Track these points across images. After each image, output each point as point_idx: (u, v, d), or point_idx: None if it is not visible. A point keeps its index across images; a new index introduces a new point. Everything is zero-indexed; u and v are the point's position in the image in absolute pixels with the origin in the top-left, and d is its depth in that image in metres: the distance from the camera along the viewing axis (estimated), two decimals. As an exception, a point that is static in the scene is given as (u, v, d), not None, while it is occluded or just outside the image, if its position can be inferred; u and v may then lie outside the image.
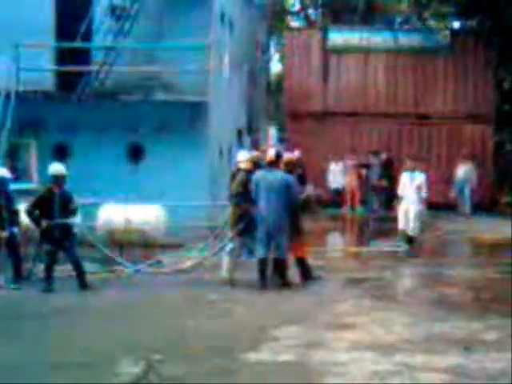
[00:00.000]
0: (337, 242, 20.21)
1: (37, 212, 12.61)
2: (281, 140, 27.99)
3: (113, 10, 19.45)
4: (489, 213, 25.65)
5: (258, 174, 12.74)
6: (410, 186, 16.11)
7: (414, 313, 10.82)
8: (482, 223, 23.16)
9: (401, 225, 16.25)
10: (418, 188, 16.01)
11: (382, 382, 7.39)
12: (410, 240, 16.16)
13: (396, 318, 10.46)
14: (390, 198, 19.59)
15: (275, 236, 12.41)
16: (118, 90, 19.45)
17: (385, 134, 28.09)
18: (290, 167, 13.30)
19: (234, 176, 13.64)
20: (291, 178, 12.74)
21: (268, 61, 32.43)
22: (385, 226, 20.60)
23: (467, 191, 26.15)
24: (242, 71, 25.99)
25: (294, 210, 12.85)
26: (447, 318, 10.38)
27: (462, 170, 26.25)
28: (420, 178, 16.18)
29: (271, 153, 13.19)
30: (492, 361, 8.11)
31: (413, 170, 16.42)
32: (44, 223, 12.46)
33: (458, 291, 12.95)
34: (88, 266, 13.38)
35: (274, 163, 12.84)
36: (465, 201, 26.20)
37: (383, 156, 24.66)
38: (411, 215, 16.03)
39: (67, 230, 12.69)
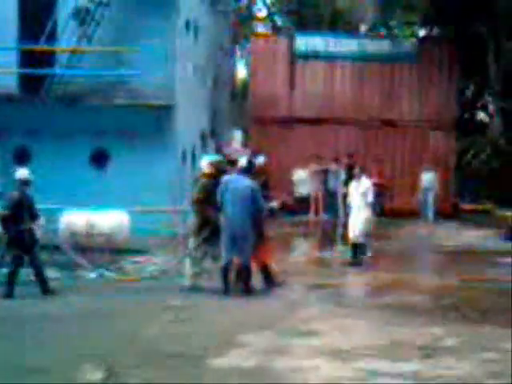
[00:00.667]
0: (301, 249, 20.23)
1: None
2: (245, 145, 27.96)
3: (77, 13, 19.32)
4: (451, 220, 25.86)
5: (226, 180, 12.71)
6: (356, 194, 16.08)
7: (375, 319, 10.87)
8: (444, 230, 23.35)
9: (350, 232, 16.21)
10: (364, 195, 15.91)
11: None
12: (355, 247, 16.00)
13: (358, 324, 10.51)
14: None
15: (239, 243, 12.40)
16: (82, 94, 19.33)
17: (350, 140, 28.21)
18: (256, 174, 13.33)
19: (196, 181, 13.65)
20: (258, 187, 12.73)
21: (233, 66, 32.42)
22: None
23: (430, 198, 26.38)
24: (207, 76, 25.99)
25: (259, 217, 12.83)
26: (408, 324, 10.45)
27: (426, 178, 26.49)
28: (365, 184, 15.99)
29: (243, 160, 13.24)
30: (450, 367, 8.17)
31: (359, 176, 16.28)
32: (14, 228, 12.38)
33: (418, 298, 13.03)
34: (50, 272, 13.29)
35: (246, 171, 12.89)
36: (428, 208, 26.42)
37: (344, 161, 24.72)
38: (356, 222, 16.01)
39: (32, 234, 12.59)
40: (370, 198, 15.85)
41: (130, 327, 10.03)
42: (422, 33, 32.18)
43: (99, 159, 19.51)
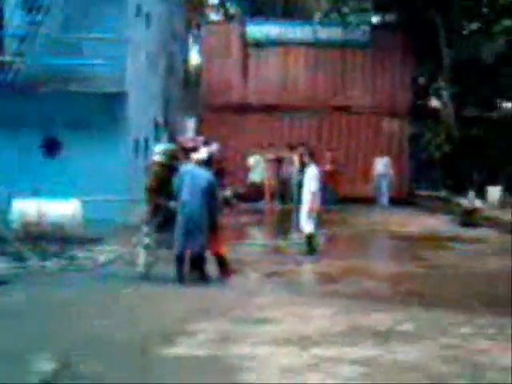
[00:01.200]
0: (255, 236, 20.21)
1: None
2: (199, 133, 27.85)
3: (25, 0, 19.08)
4: (406, 206, 26.08)
5: (183, 170, 12.75)
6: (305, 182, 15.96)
7: (332, 305, 10.87)
8: (399, 216, 23.52)
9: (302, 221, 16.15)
10: (309, 183, 15.73)
11: (298, 375, 7.41)
12: (309, 235, 15.78)
13: (314, 311, 10.50)
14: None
15: (195, 232, 12.36)
16: (33, 82, 19.06)
17: (304, 126, 28.31)
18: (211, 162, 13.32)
19: (149, 170, 13.63)
20: (215, 179, 12.76)
21: (186, 53, 32.26)
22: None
23: (385, 185, 26.59)
24: (160, 63, 25.83)
25: (214, 207, 12.80)
26: (364, 311, 10.47)
27: (380, 164, 26.67)
28: (311, 172, 15.73)
29: (203, 153, 13.16)
30: (406, 353, 8.20)
31: (309, 164, 16.04)
32: None
33: (374, 284, 13.08)
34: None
35: (204, 163, 12.85)
36: (382, 194, 26.62)
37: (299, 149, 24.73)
38: (303, 212, 15.99)
39: None
40: (313, 186, 15.60)
41: (80, 317, 9.87)
42: (375, 20, 32.23)
43: (51, 148, 19.28)
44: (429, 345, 8.53)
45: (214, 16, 40.07)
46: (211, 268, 12.85)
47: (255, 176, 25.67)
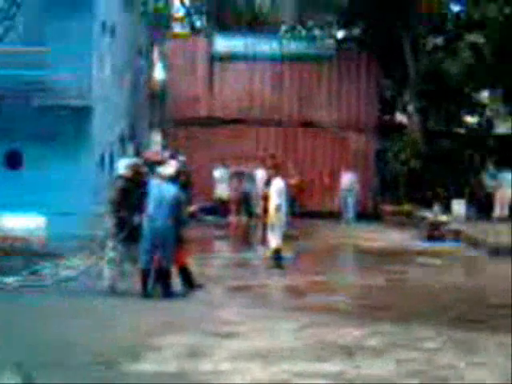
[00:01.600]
0: (220, 250, 20.18)
1: None
2: (165, 146, 27.82)
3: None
4: (372, 220, 26.18)
5: (151, 186, 12.76)
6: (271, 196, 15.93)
7: (298, 320, 10.87)
8: (365, 231, 23.61)
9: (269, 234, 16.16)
10: (273, 196, 15.70)
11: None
12: (275, 249, 15.86)
13: (280, 325, 10.50)
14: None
15: (160, 247, 12.37)
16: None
17: (270, 140, 28.32)
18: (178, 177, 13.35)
19: (114, 183, 13.58)
20: (182, 195, 12.82)
21: (151, 68, 32.24)
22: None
23: (351, 200, 26.68)
24: (125, 78, 25.75)
25: (180, 223, 12.80)
26: (330, 325, 10.49)
27: (346, 179, 26.78)
28: (276, 185, 15.78)
29: (171, 168, 13.19)
30: (372, 367, 8.22)
31: (274, 177, 16.14)
32: None
33: (341, 298, 13.10)
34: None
35: (172, 179, 12.87)
36: (348, 209, 26.71)
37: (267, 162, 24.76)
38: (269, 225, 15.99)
39: None
40: (277, 200, 15.62)
41: (45, 331, 9.77)
42: (340, 34, 32.44)
43: (13, 160, 19.11)
44: (394, 359, 8.55)
45: (179, 29, 40.04)
46: (176, 281, 12.84)
47: (221, 190, 25.66)
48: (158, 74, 33.02)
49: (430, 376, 7.92)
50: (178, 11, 40.91)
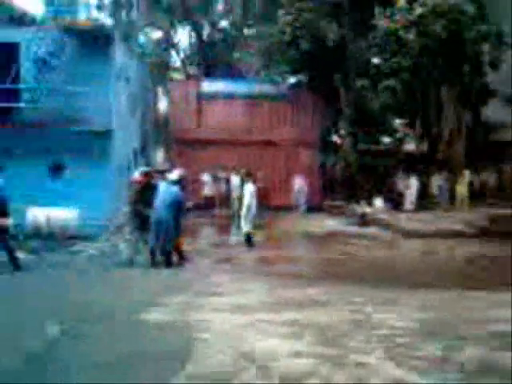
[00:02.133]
0: (207, 234, 20.08)
1: None
2: (166, 159, 27.74)
3: (36, 61, 18.79)
4: (317, 212, 26.26)
5: (160, 187, 12.78)
6: (246, 195, 15.96)
7: (267, 283, 10.86)
8: (313, 220, 23.64)
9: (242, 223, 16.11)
10: (247, 196, 15.74)
11: (241, 331, 7.35)
12: (248, 233, 15.86)
13: (254, 287, 10.46)
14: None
15: (164, 232, 12.35)
16: (43, 122, 18.76)
17: (243, 156, 28.41)
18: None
19: (131, 186, 13.70)
20: (182, 194, 12.77)
21: (157, 101, 32.11)
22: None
23: (301, 197, 26.73)
24: (137, 109, 25.59)
25: (180, 215, 12.78)
26: (291, 286, 10.48)
27: (298, 183, 26.88)
28: (249, 188, 15.72)
29: (175, 174, 13.20)
30: (320, 316, 8.21)
31: (246, 182, 16.17)
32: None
33: (299, 267, 13.13)
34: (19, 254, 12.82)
35: (174, 182, 12.86)
36: (300, 204, 26.74)
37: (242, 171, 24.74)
38: (242, 216, 15.91)
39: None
40: (249, 198, 15.57)
41: (79, 294, 9.65)
42: (293, 79, 32.49)
43: (56, 170, 18.98)
44: (336, 310, 8.54)
45: (177, 75, 40.00)
46: (174, 258, 12.79)
47: (207, 190, 25.67)
48: (162, 106, 32.90)
49: (357, 320, 7.93)
50: (176, 62, 40.91)
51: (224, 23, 37.79)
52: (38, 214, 15.87)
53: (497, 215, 19.41)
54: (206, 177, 25.89)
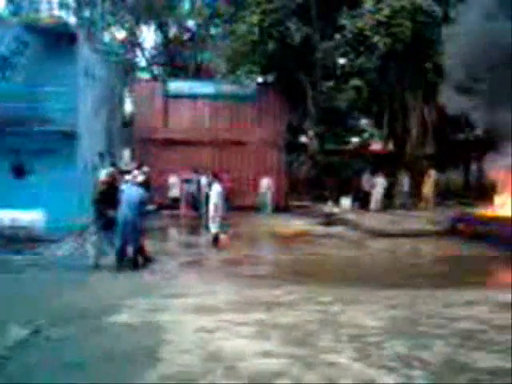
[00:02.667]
0: (174, 234, 19.98)
1: None
2: (132, 160, 27.47)
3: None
4: (284, 213, 26.37)
5: (123, 188, 12.83)
6: (212, 195, 15.94)
7: (233, 284, 10.87)
8: (279, 220, 23.70)
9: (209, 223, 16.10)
10: (214, 196, 15.71)
11: (208, 332, 7.36)
12: (215, 234, 15.83)
13: (220, 287, 10.46)
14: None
15: (130, 233, 12.34)
16: (7, 122, 18.45)
17: (209, 156, 28.40)
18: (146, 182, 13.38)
19: (96, 187, 13.55)
20: (145, 194, 12.77)
21: (122, 102, 31.83)
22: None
23: (268, 197, 26.80)
24: (102, 109, 25.33)
25: (143, 215, 12.80)
26: (257, 287, 10.51)
27: (264, 183, 26.93)
28: (216, 189, 15.71)
29: (140, 176, 13.31)
30: (285, 316, 8.27)
31: (213, 183, 16.17)
32: None
33: (265, 268, 13.16)
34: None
35: (139, 184, 12.92)
36: (266, 204, 26.81)
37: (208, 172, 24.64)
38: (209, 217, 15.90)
39: None
40: (215, 199, 15.58)
41: (44, 296, 9.58)
42: (260, 79, 32.51)
43: (19, 171, 18.68)
44: (302, 311, 8.59)
45: (143, 75, 39.75)
46: (140, 260, 12.72)
47: (174, 191, 25.56)
48: (128, 107, 32.64)
49: (326, 320, 8.00)
50: (141, 62, 40.68)
51: (191, 23, 37.65)
52: (2, 216, 15.64)
53: (462, 214, 19.70)
54: (172, 178, 25.77)
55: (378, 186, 26.05)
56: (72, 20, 33.02)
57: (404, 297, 9.65)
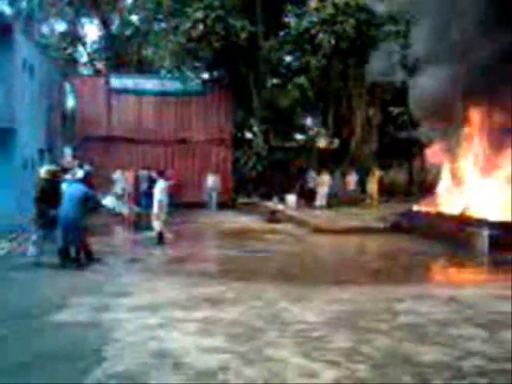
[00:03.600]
0: (117, 232, 19.72)
1: None
2: (74, 157, 27.01)
3: None
4: (230, 209, 26.42)
5: (64, 186, 12.61)
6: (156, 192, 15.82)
7: (177, 281, 10.84)
8: (225, 217, 23.72)
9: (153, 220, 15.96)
10: (156, 193, 15.68)
11: (153, 330, 7.33)
12: (159, 231, 15.75)
13: (164, 285, 10.41)
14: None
15: (72, 231, 12.14)
16: None
17: (155, 153, 28.25)
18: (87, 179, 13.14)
19: (36, 184, 13.31)
20: (87, 191, 12.50)
21: (64, 97, 31.22)
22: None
23: (214, 194, 26.83)
24: (42, 105, 24.84)
25: (86, 212, 12.57)
26: (200, 284, 10.49)
27: (210, 180, 26.94)
28: (158, 186, 15.62)
29: (80, 173, 13.09)
30: (229, 312, 8.32)
31: (158, 180, 16.04)
32: None
33: (209, 265, 13.15)
34: None
35: (81, 180, 12.71)
36: (212, 201, 26.82)
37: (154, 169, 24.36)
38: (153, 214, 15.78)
39: None
40: (159, 196, 15.43)
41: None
42: (206, 75, 32.45)
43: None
44: (250, 307, 8.63)
45: (85, 70, 39.09)
46: (83, 258, 12.53)
47: (117, 188, 25.21)
48: (69, 102, 32.03)
49: (270, 316, 8.07)
50: (83, 56, 39.99)
51: (134, 18, 37.20)
52: None
53: (406, 211, 20.11)
54: (116, 173, 25.41)
55: (323, 183, 26.34)
56: (7, 10, 32.22)
57: (348, 292, 9.80)
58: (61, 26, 37.82)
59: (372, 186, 27.16)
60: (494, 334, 7.29)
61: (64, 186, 12.69)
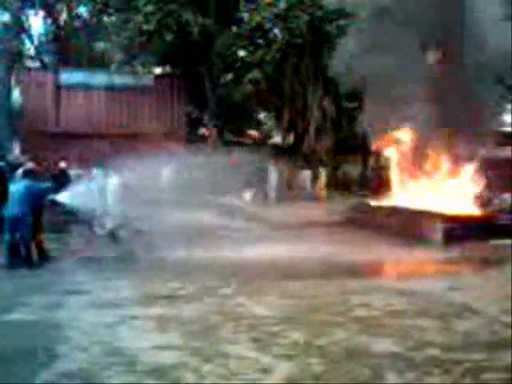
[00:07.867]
0: (69, 230, 19.46)
1: None
2: (23, 152, 26.57)
3: None
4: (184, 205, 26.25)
5: (13, 182, 12.48)
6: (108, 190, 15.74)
7: (132, 278, 10.79)
8: (178, 212, 23.51)
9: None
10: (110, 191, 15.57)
11: (107, 328, 7.33)
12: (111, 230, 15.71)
13: (119, 282, 10.40)
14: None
15: (20, 230, 11.88)
16: None
17: (105, 149, 27.94)
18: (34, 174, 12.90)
19: None
20: (36, 188, 12.27)
21: (10, 92, 30.63)
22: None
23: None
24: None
25: (38, 208, 12.35)
26: (156, 280, 10.48)
27: (164, 175, 26.74)
28: (111, 183, 15.63)
29: (27, 168, 12.77)
30: (184, 309, 8.37)
31: (111, 176, 16.02)
32: None
33: (165, 262, 13.06)
34: None
35: (27, 175, 12.40)
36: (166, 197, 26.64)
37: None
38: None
39: None
40: (112, 194, 15.42)
41: None
42: (158, 70, 32.31)
43: None
44: (204, 303, 8.69)
45: (31, 64, 38.29)
46: (35, 257, 12.36)
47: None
48: (16, 97, 31.46)
49: (224, 312, 8.16)
50: (29, 50, 39.16)
51: (83, 10, 36.66)
52: None
53: (359, 205, 20.38)
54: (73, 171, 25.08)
55: (275, 178, 26.46)
56: None
57: (302, 287, 9.93)
58: (4, 17, 36.83)
59: (325, 181, 27.44)
60: (448, 325, 7.52)
61: (12, 183, 12.49)
